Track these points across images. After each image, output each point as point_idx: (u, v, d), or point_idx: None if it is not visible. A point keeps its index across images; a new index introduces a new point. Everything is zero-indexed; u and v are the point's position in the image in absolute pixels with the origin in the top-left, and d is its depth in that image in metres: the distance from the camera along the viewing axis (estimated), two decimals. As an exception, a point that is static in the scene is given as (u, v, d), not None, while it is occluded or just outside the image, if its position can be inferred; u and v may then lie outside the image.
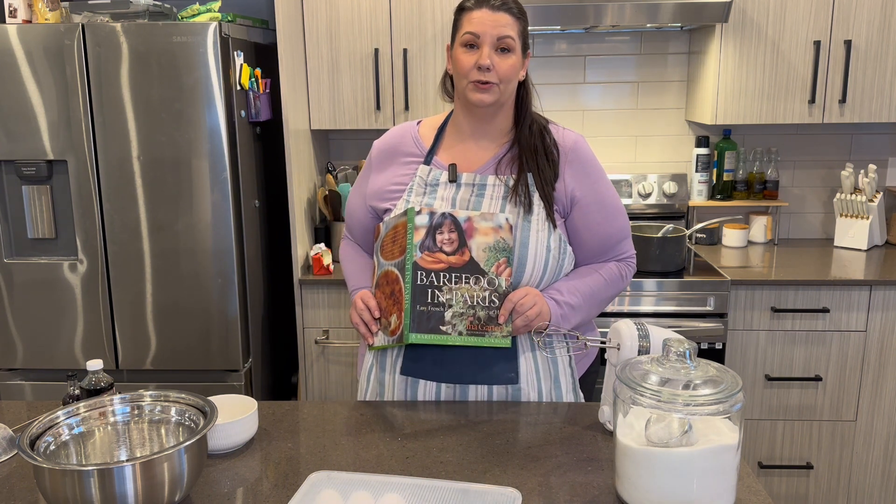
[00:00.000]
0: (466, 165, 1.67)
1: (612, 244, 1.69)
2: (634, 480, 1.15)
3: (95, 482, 1.07)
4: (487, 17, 1.55)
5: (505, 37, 1.56)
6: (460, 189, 1.64)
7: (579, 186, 1.64)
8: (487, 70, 1.55)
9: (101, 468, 1.07)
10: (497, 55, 1.56)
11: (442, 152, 1.70)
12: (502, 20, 1.56)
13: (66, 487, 1.07)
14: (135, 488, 1.08)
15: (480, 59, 1.55)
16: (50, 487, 1.09)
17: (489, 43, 1.55)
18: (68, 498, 1.08)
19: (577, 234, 1.66)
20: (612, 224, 1.68)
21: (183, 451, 1.13)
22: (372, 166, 1.77)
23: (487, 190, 1.63)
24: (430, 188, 1.65)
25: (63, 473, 1.07)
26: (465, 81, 1.58)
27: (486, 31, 1.55)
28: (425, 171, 1.67)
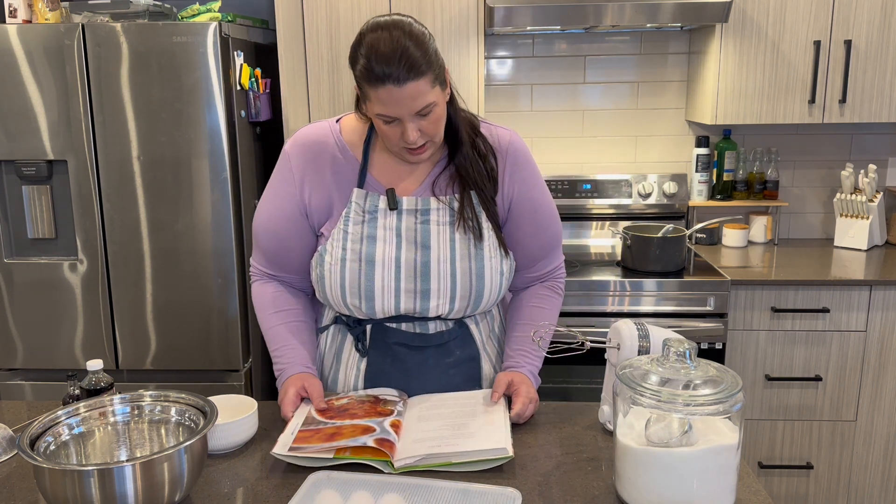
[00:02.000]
0: (403, 186, 1.53)
1: (546, 253, 1.62)
2: (634, 480, 1.15)
3: (95, 482, 1.07)
4: (396, 96, 1.35)
5: (424, 107, 1.38)
6: (402, 216, 1.51)
7: (516, 191, 1.55)
8: (415, 143, 1.42)
9: (101, 468, 1.07)
10: (420, 119, 1.40)
11: (374, 169, 1.53)
12: (414, 90, 1.35)
13: (66, 487, 1.07)
14: (135, 488, 1.08)
15: (406, 137, 1.40)
16: (50, 487, 1.09)
17: (409, 119, 1.39)
18: (68, 498, 1.07)
19: (510, 240, 1.58)
20: (547, 232, 1.60)
21: (183, 451, 1.13)
22: (293, 173, 1.54)
23: (432, 216, 1.51)
24: (368, 216, 1.51)
25: (63, 473, 1.07)
26: (396, 148, 1.46)
27: (401, 114, 1.37)
28: (361, 197, 1.51)
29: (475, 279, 1.51)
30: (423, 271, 1.50)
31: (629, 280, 2.62)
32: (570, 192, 3.13)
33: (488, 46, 3.15)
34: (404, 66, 1.33)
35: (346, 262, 1.50)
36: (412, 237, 1.51)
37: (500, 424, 1.38)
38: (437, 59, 1.40)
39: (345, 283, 1.50)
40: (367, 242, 1.50)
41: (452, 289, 1.51)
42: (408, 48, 1.34)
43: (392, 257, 1.50)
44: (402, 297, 1.51)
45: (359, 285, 1.50)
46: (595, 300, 2.62)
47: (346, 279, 1.50)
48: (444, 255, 1.51)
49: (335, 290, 1.51)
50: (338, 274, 1.50)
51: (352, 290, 1.50)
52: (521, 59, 3.17)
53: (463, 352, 1.60)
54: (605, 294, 2.62)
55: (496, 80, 3.19)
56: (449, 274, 1.50)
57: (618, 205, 3.13)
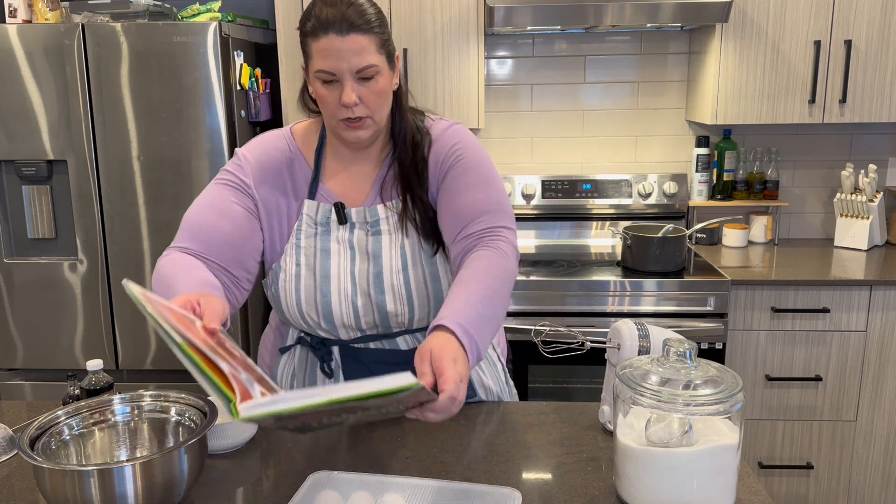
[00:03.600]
0: (353, 196, 1.48)
1: (480, 212, 1.39)
2: (634, 480, 1.15)
3: (95, 482, 1.07)
4: (338, 45, 1.28)
5: (365, 67, 1.31)
6: (354, 228, 1.46)
7: (444, 162, 1.45)
8: (355, 105, 1.34)
9: (101, 468, 1.07)
10: (361, 85, 1.33)
11: (326, 178, 1.48)
12: (357, 44, 1.29)
13: (66, 487, 1.07)
14: (135, 488, 1.08)
15: (344, 98, 1.32)
16: (50, 487, 1.08)
17: (348, 78, 1.31)
18: (68, 498, 1.07)
19: (439, 212, 1.44)
20: (477, 192, 1.41)
21: (183, 451, 1.13)
22: (250, 178, 1.45)
23: (382, 225, 1.45)
24: (321, 228, 1.46)
25: (63, 473, 1.07)
26: (334, 119, 1.37)
27: (340, 68, 1.30)
28: (313, 208, 1.46)
29: (430, 282, 1.46)
30: (377, 282, 1.45)
31: (629, 280, 2.62)
32: (570, 192, 3.13)
33: (488, 46, 3.15)
34: (351, 15, 1.29)
35: (301, 278, 1.45)
36: (364, 248, 1.46)
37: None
38: (388, 34, 1.36)
39: (300, 298, 1.45)
40: (322, 256, 1.45)
41: (408, 296, 1.46)
42: (359, 3, 1.31)
43: (347, 270, 1.45)
44: (360, 310, 1.46)
45: (315, 300, 1.45)
46: (595, 300, 2.62)
47: (301, 294, 1.45)
48: (396, 264, 1.45)
49: (292, 305, 1.47)
50: (293, 290, 1.46)
51: (308, 304, 1.46)
52: (521, 59, 3.17)
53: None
54: (605, 294, 2.62)
55: (496, 80, 3.19)
56: (402, 282, 1.45)
57: (618, 205, 3.13)
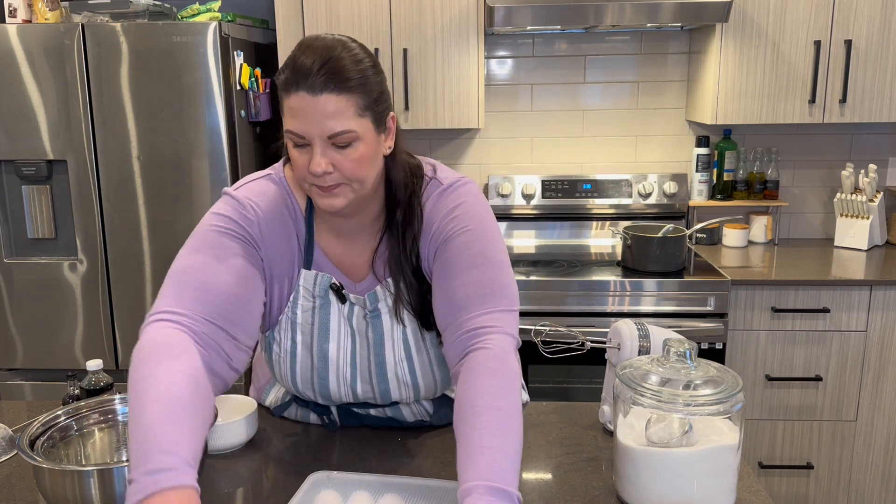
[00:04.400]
0: (350, 263, 1.31)
1: (479, 295, 1.19)
2: (634, 480, 1.15)
3: (95, 482, 1.07)
4: (308, 107, 1.11)
5: (338, 134, 1.12)
6: (354, 309, 1.31)
7: (440, 231, 1.26)
8: (326, 174, 1.15)
9: (100, 468, 1.07)
10: (336, 151, 1.14)
11: (323, 242, 1.30)
12: (330, 106, 1.11)
13: (66, 487, 1.07)
14: None
15: (312, 165, 1.13)
16: (50, 487, 1.08)
17: (318, 143, 1.13)
18: (68, 498, 1.07)
19: (433, 285, 1.26)
20: (473, 273, 1.21)
21: None
22: (262, 228, 1.25)
23: (381, 306, 1.30)
24: (319, 300, 1.29)
25: (63, 473, 1.07)
26: (306, 183, 1.18)
27: (309, 132, 1.12)
28: (310, 279, 1.29)
29: (437, 368, 1.34)
30: (379, 372, 1.33)
31: (629, 280, 2.62)
32: (570, 192, 3.13)
33: (488, 46, 3.15)
34: (326, 72, 1.11)
35: (298, 357, 1.32)
36: (364, 332, 1.31)
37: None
38: (376, 93, 1.17)
39: (296, 377, 1.34)
40: (320, 334, 1.31)
41: (414, 385, 1.35)
42: (339, 58, 1.12)
43: (347, 355, 1.32)
44: (360, 395, 1.37)
45: (312, 381, 1.34)
46: (595, 300, 2.62)
47: (297, 373, 1.34)
48: (399, 352, 1.32)
49: (286, 379, 1.36)
50: (288, 367, 1.33)
51: (304, 383, 1.35)
52: (521, 59, 3.17)
53: (447, 416, 1.44)
54: (605, 294, 2.62)
55: (496, 80, 3.19)
56: (408, 371, 1.33)
57: (618, 205, 3.13)
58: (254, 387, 1.60)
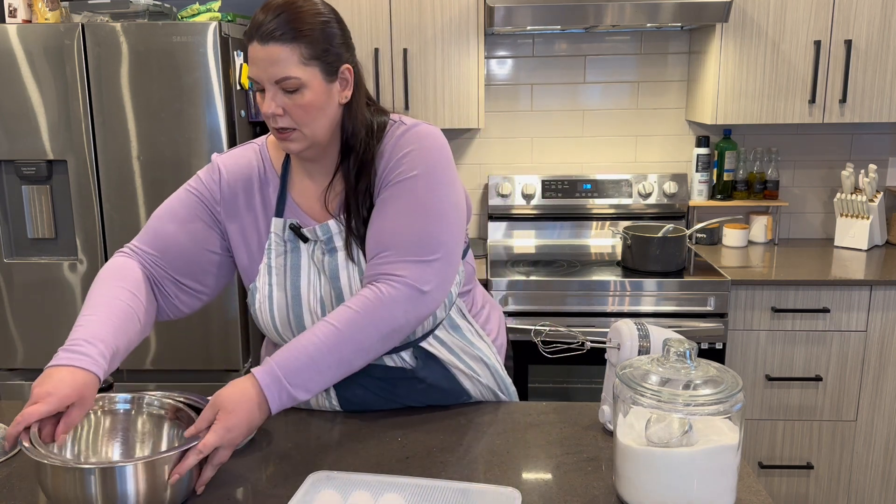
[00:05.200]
0: (317, 209, 1.42)
1: (381, 247, 1.32)
2: (634, 480, 1.15)
3: (97, 480, 1.07)
4: (258, 55, 1.26)
5: (283, 79, 1.26)
6: (315, 246, 1.41)
7: (389, 172, 1.36)
8: (276, 116, 1.30)
9: (103, 467, 1.07)
10: (285, 96, 1.28)
11: (294, 190, 1.44)
12: (274, 54, 1.25)
13: (67, 485, 1.07)
14: (136, 489, 1.08)
15: (263, 106, 1.29)
16: (52, 484, 1.09)
17: (269, 87, 1.28)
18: (69, 496, 1.08)
19: (371, 226, 1.36)
20: (398, 220, 1.32)
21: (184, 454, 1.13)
22: (231, 192, 1.43)
23: (336, 241, 1.39)
24: (290, 244, 1.41)
25: (65, 471, 1.07)
26: (270, 128, 1.34)
27: (259, 77, 1.28)
28: (279, 226, 1.41)
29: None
30: (339, 303, 1.39)
31: (629, 280, 2.62)
32: (570, 192, 3.13)
33: (488, 46, 3.15)
34: (276, 25, 1.25)
35: (274, 299, 1.42)
36: (324, 268, 1.40)
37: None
38: (325, 44, 1.28)
39: (275, 318, 1.42)
40: (291, 274, 1.41)
41: None
42: (290, 11, 1.26)
43: (316, 288, 1.41)
44: None
45: (289, 320, 1.42)
46: (595, 300, 2.62)
47: (275, 314, 1.42)
48: (355, 283, 1.39)
49: (268, 324, 1.44)
50: (267, 310, 1.42)
51: (283, 325, 1.42)
52: (521, 59, 3.17)
53: (433, 375, 1.49)
54: (605, 294, 2.62)
55: (496, 80, 3.19)
56: None
57: (618, 205, 3.13)
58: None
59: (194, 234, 1.42)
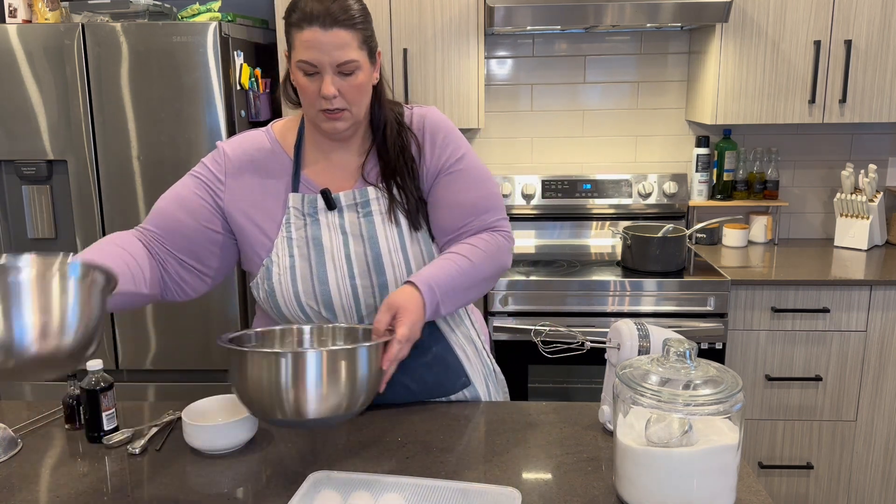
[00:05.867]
0: (339, 182, 1.50)
1: (478, 212, 1.50)
2: (634, 480, 1.15)
3: (289, 364, 1.16)
4: (321, 39, 1.32)
5: (346, 62, 1.35)
6: (344, 213, 1.47)
7: (441, 157, 1.50)
8: (334, 98, 1.37)
9: (295, 352, 1.16)
10: (341, 78, 1.37)
11: (308, 169, 1.50)
12: (339, 39, 1.33)
13: (263, 370, 1.16)
14: (319, 374, 1.17)
15: (323, 90, 1.35)
16: (251, 372, 1.17)
17: (329, 71, 1.35)
18: (262, 379, 1.16)
19: (437, 206, 1.50)
20: (478, 191, 1.50)
21: (366, 351, 1.22)
22: (236, 175, 1.48)
23: (373, 206, 1.48)
24: (309, 218, 1.47)
25: (262, 356, 1.16)
26: (313, 110, 1.40)
27: (321, 61, 1.34)
28: (298, 200, 1.47)
29: (427, 262, 1.48)
30: (376, 264, 1.46)
31: (629, 280, 2.62)
32: (570, 192, 3.13)
33: (488, 46, 3.15)
34: (335, 10, 1.33)
35: (297, 269, 1.45)
36: (357, 232, 1.47)
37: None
38: (371, 30, 1.41)
39: (298, 289, 1.45)
40: (314, 244, 1.46)
41: (409, 274, 1.47)
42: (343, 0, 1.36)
43: (342, 255, 1.46)
44: (360, 293, 1.47)
45: (313, 288, 1.45)
46: (595, 300, 2.62)
47: (298, 285, 1.45)
48: (394, 244, 1.47)
49: (289, 297, 1.46)
50: (289, 282, 1.45)
51: (307, 294, 1.45)
52: (521, 59, 3.17)
53: (437, 346, 1.56)
54: (605, 294, 2.62)
55: (496, 80, 3.19)
56: (403, 262, 1.47)
57: (618, 205, 3.13)
58: None
59: (195, 214, 1.46)
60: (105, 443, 1.41)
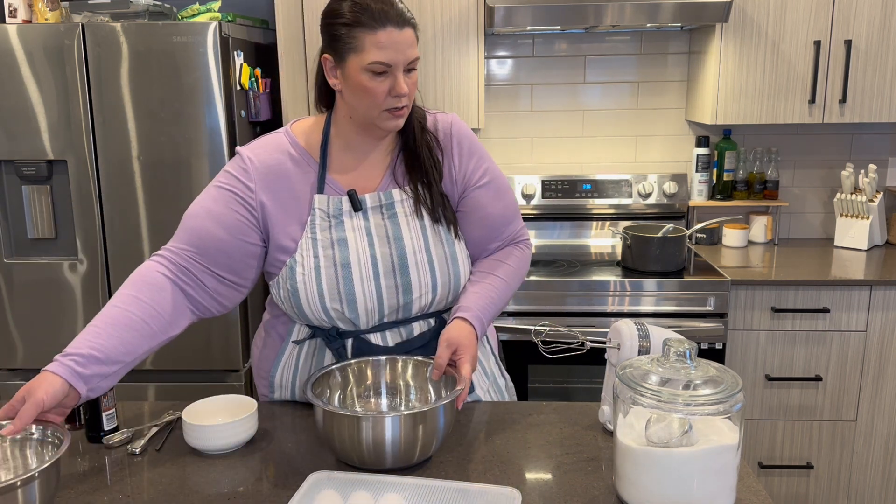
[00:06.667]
0: (364, 183, 1.51)
1: (509, 219, 1.59)
2: (634, 480, 1.15)
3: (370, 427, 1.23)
4: (396, 38, 1.35)
5: (414, 59, 1.39)
6: (368, 215, 1.49)
7: (470, 169, 1.55)
8: (403, 96, 1.40)
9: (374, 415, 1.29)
10: (406, 76, 1.40)
11: (333, 170, 1.50)
12: (410, 38, 1.38)
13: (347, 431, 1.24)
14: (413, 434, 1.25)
15: (397, 88, 1.38)
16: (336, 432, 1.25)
17: (401, 69, 1.38)
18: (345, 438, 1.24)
19: (467, 217, 1.56)
20: (506, 198, 1.59)
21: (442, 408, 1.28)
22: (262, 178, 1.47)
23: (398, 207, 1.50)
24: (334, 220, 1.47)
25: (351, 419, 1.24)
26: (377, 110, 1.41)
27: (397, 60, 1.36)
28: (324, 202, 1.47)
29: (451, 263, 1.51)
30: (401, 264, 1.48)
31: (629, 280, 2.62)
32: (570, 192, 3.13)
33: (488, 46, 3.15)
34: (402, 10, 1.38)
35: (322, 269, 1.45)
36: (383, 233, 1.49)
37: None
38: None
39: (322, 290, 1.45)
40: (339, 246, 1.46)
41: (433, 276, 1.50)
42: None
43: (367, 255, 1.47)
44: (385, 294, 1.48)
45: (338, 290, 1.46)
46: (595, 300, 2.62)
47: (323, 285, 1.45)
48: (419, 245, 1.49)
49: (313, 299, 1.46)
50: (314, 282, 1.45)
51: (331, 295, 1.46)
52: (521, 59, 3.17)
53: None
54: (605, 294, 2.62)
55: (496, 80, 3.19)
56: (426, 262, 1.49)
57: (618, 205, 3.13)
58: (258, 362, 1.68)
59: (232, 229, 1.45)
60: (105, 443, 1.41)
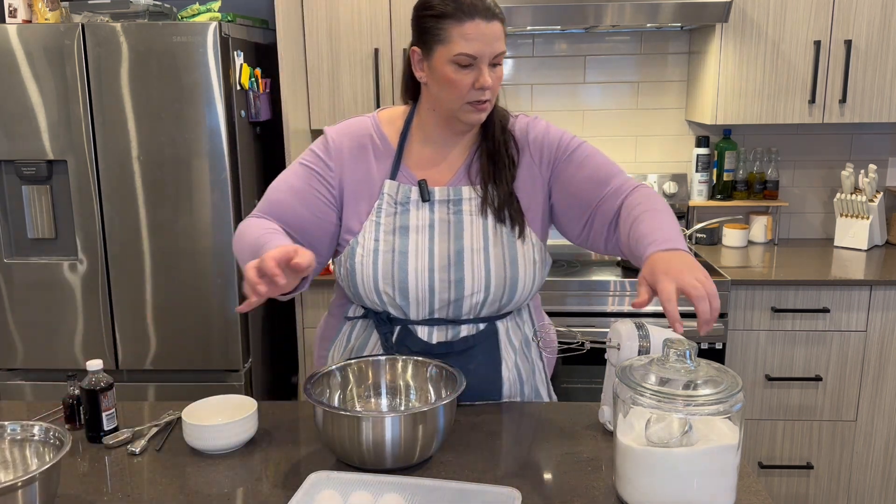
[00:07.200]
0: (437, 177, 1.53)
1: (610, 175, 1.51)
2: (634, 480, 1.15)
3: (370, 427, 1.24)
4: (484, 31, 1.37)
5: (502, 52, 1.41)
6: (435, 207, 1.51)
7: (552, 151, 1.55)
8: (488, 89, 1.41)
9: (374, 416, 1.28)
10: (492, 70, 1.41)
11: (409, 160, 1.53)
12: (497, 31, 1.39)
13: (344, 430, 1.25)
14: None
15: (482, 81, 1.39)
16: (335, 431, 1.26)
17: (486, 61, 1.40)
18: (344, 437, 1.25)
19: (570, 183, 1.53)
20: (596, 158, 1.54)
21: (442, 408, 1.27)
22: (344, 159, 1.52)
23: (464, 205, 1.51)
24: (400, 207, 1.50)
25: (348, 419, 1.24)
26: (460, 102, 1.43)
27: (483, 52, 1.38)
28: (394, 188, 1.51)
29: (509, 265, 1.49)
30: (457, 260, 1.49)
31: (629, 280, 2.62)
32: (570, 192, 3.12)
33: (488, 46, 3.15)
34: (491, 4, 1.39)
35: (380, 253, 1.49)
36: (445, 228, 1.50)
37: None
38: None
39: (377, 274, 1.48)
40: (400, 234, 1.49)
41: (487, 276, 1.48)
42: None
43: (425, 248, 1.49)
44: (437, 287, 1.48)
45: (392, 275, 1.48)
46: (595, 300, 2.62)
47: (378, 269, 1.48)
48: (478, 244, 1.49)
49: (367, 280, 1.49)
50: (370, 265, 1.48)
51: (385, 279, 1.48)
52: (521, 59, 3.17)
53: (485, 356, 1.55)
54: (605, 294, 2.62)
55: (496, 80, 3.19)
56: (483, 261, 1.49)
57: (618, 205, 3.12)
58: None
59: (311, 206, 1.51)
60: (105, 443, 1.41)
